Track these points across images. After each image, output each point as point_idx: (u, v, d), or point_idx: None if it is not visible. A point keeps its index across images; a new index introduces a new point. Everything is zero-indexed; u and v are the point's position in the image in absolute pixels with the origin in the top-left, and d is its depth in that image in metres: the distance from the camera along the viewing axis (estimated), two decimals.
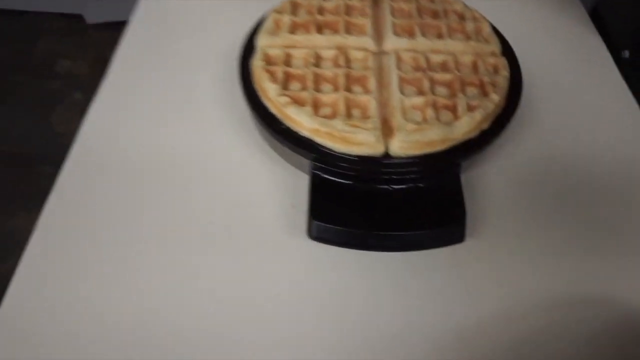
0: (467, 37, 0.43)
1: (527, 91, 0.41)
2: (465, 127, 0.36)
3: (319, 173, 0.36)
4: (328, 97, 0.38)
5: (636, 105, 0.46)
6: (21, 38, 1.59)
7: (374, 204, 0.35)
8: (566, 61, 0.50)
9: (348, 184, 0.36)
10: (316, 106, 0.37)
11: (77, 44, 1.53)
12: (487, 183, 0.40)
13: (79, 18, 1.54)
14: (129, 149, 0.41)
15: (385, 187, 0.36)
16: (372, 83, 0.39)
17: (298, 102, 0.37)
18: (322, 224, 0.34)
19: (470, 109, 0.37)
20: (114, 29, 0.51)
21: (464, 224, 0.34)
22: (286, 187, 0.39)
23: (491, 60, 0.41)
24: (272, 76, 0.38)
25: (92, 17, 1.52)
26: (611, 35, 0.53)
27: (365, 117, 0.37)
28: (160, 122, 0.44)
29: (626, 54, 0.51)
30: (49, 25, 1.61)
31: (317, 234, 0.34)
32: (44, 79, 1.47)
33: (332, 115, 0.37)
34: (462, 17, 0.45)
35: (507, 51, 0.43)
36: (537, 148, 0.43)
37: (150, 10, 0.54)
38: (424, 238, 0.35)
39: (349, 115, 0.37)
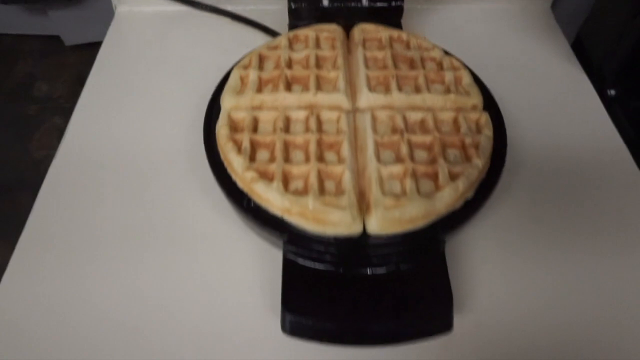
0: (447, 90, 0.40)
1: (511, 143, 0.39)
2: (447, 198, 0.34)
3: (293, 256, 0.33)
4: (299, 168, 0.34)
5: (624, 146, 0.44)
6: None
7: (352, 292, 0.32)
8: (550, 103, 0.47)
9: (323, 268, 0.33)
10: (286, 180, 0.34)
11: (55, 66, 1.47)
12: (471, 251, 0.37)
13: (57, 39, 1.48)
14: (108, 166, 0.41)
15: (364, 270, 0.33)
16: (345, 149, 0.36)
17: (266, 177, 0.34)
18: (296, 317, 0.31)
19: (453, 177, 0.34)
20: (93, 50, 0.52)
21: (450, 310, 0.32)
22: (264, 266, 0.36)
23: (472, 115, 0.38)
24: (238, 147, 0.35)
25: (70, 38, 1.46)
26: (594, 69, 0.51)
27: (339, 191, 0.34)
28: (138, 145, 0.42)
29: (612, 92, 0.50)
30: (26, 47, 1.54)
31: (291, 329, 0.31)
32: (22, 103, 1.41)
33: (304, 191, 0.34)
34: (440, 66, 0.42)
35: (489, 102, 0.40)
36: (524, 204, 0.40)
37: (122, 32, 0.54)
38: (407, 329, 0.32)
39: (322, 190, 0.34)
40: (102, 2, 0.56)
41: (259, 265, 0.36)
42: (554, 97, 0.48)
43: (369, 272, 0.32)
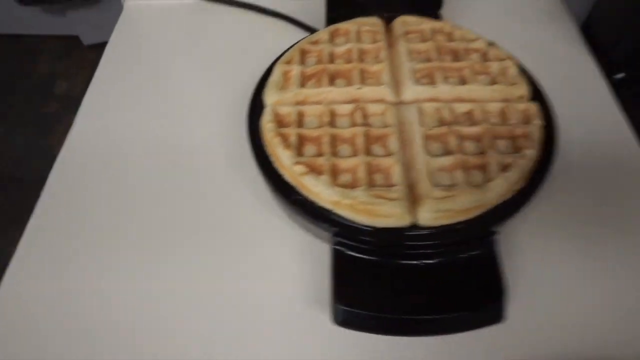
0: (493, 81, 0.39)
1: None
2: (499, 189, 0.33)
3: (342, 249, 0.33)
4: (347, 162, 0.34)
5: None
6: (19, 61, 1.57)
7: (403, 283, 0.32)
8: (567, 90, 0.46)
9: (374, 260, 0.32)
10: (335, 173, 0.34)
11: (74, 65, 1.52)
12: (526, 243, 0.37)
13: (75, 39, 1.52)
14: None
15: (415, 262, 0.32)
16: (393, 142, 0.35)
17: (315, 171, 0.34)
18: (348, 308, 0.31)
19: (503, 168, 0.34)
20: None
21: (502, 302, 0.31)
22: (307, 259, 0.36)
23: (521, 106, 0.38)
24: (285, 141, 0.35)
25: (89, 38, 1.50)
26: (602, 54, 0.50)
27: (389, 184, 0.34)
28: (154, 166, 0.42)
29: (620, 75, 0.49)
30: (46, 47, 1.59)
31: (343, 320, 0.31)
32: (42, 101, 1.45)
33: (353, 184, 0.34)
34: (484, 57, 0.41)
35: (536, 93, 0.40)
36: (565, 190, 0.39)
37: (131, 26, 0.55)
38: (459, 320, 0.31)
39: (371, 183, 0.34)
40: (119, 2, 0.57)
41: (305, 259, 0.36)
42: (567, 84, 0.47)
43: (419, 264, 0.32)
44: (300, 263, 0.36)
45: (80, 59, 1.53)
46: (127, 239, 0.37)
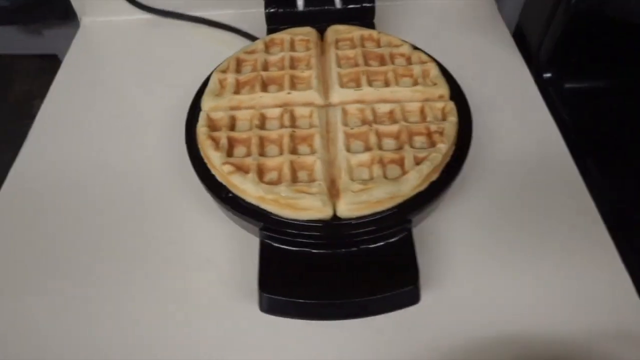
0: (415, 82, 0.42)
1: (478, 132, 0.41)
2: (413, 182, 0.36)
3: (268, 241, 0.35)
4: (273, 161, 0.37)
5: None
6: None
7: (324, 271, 0.34)
8: (496, 90, 0.50)
9: (298, 250, 0.35)
10: (261, 172, 0.37)
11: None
12: (439, 231, 0.39)
13: (53, 58, 1.54)
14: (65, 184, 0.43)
15: (336, 251, 0.35)
16: (317, 141, 0.38)
17: (242, 169, 0.36)
18: (272, 296, 0.33)
19: (418, 161, 0.36)
20: None
21: (417, 285, 0.34)
22: (240, 251, 0.38)
23: (438, 105, 0.41)
24: (216, 143, 0.38)
25: None
26: (532, 55, 0.54)
27: (311, 179, 0.36)
28: (98, 170, 0.45)
29: (547, 75, 0.53)
30: (23, 67, 1.61)
31: (268, 307, 0.33)
32: (20, 121, 1.46)
33: (278, 181, 0.36)
34: (409, 61, 0.44)
35: (456, 92, 0.43)
36: (484, 187, 0.42)
37: (86, 44, 0.57)
38: (377, 303, 0.34)
39: (294, 179, 0.36)
40: None
41: (239, 253, 0.38)
42: (497, 85, 0.51)
43: (340, 252, 0.35)
44: (238, 257, 0.38)
45: None
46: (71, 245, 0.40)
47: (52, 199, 0.43)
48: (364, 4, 0.49)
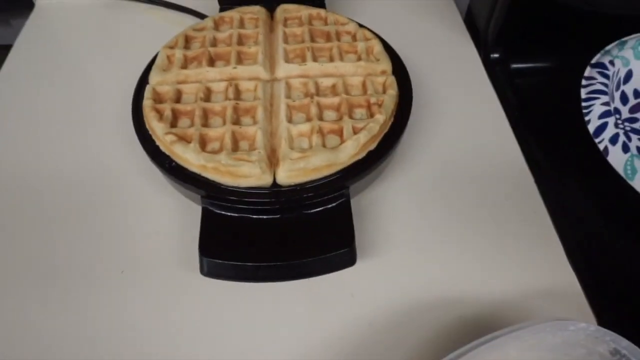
0: (358, 58, 0.44)
1: (417, 106, 0.42)
2: (350, 150, 0.37)
3: (210, 208, 0.36)
4: (216, 131, 0.38)
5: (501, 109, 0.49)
6: None
7: (264, 235, 0.36)
8: (445, 70, 0.52)
9: (238, 217, 0.36)
10: (204, 142, 0.38)
11: None
12: (380, 202, 0.41)
13: None
14: (9, 180, 0.43)
15: (276, 216, 0.36)
16: (260, 113, 0.39)
17: (185, 139, 0.37)
18: (212, 259, 0.34)
19: (356, 131, 0.38)
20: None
21: (353, 248, 0.35)
22: (184, 220, 0.39)
23: (379, 79, 0.42)
24: (160, 115, 0.39)
25: None
26: (480, 37, 0.56)
27: (252, 149, 0.37)
28: (46, 152, 0.45)
29: (495, 56, 0.55)
30: None
31: (208, 270, 0.34)
32: None
33: (220, 150, 0.37)
34: (354, 38, 0.46)
35: (399, 68, 0.44)
36: (426, 161, 0.44)
37: (35, 36, 0.56)
38: (315, 265, 0.35)
39: (236, 149, 0.37)
40: None
41: (184, 221, 0.39)
42: (446, 65, 0.53)
43: (280, 217, 0.36)
44: (182, 227, 0.39)
45: None
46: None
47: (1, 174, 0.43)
48: None
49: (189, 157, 0.36)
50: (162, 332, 0.34)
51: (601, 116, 0.43)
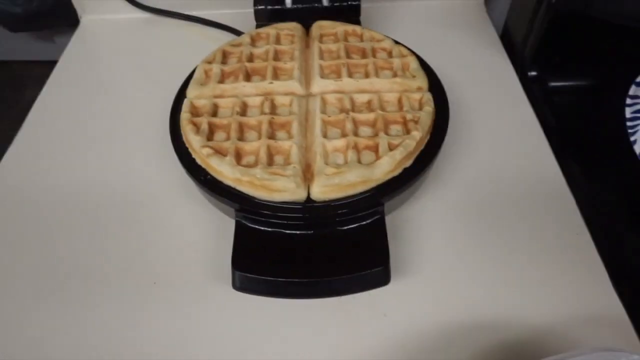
0: (394, 74, 0.43)
1: (453, 123, 0.42)
2: (386, 167, 0.36)
3: (243, 221, 0.36)
4: (251, 145, 0.38)
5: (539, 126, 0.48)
6: (7, 88, 1.62)
7: (297, 251, 0.35)
8: (481, 87, 0.51)
9: (271, 231, 0.36)
10: (239, 155, 0.38)
11: None
12: (415, 219, 0.40)
13: None
14: (50, 192, 0.43)
15: (309, 232, 0.36)
16: (295, 128, 0.39)
17: (220, 153, 0.37)
18: (244, 274, 0.34)
19: (392, 148, 0.37)
20: None
21: (387, 266, 0.34)
22: (217, 234, 0.39)
23: (416, 95, 0.42)
24: (197, 128, 0.39)
25: None
26: (517, 55, 0.56)
27: (287, 163, 0.37)
28: (86, 165, 0.46)
29: (532, 74, 0.54)
30: (34, 74, 1.64)
31: (241, 285, 0.34)
32: None
33: (255, 164, 0.37)
34: (390, 54, 0.45)
35: (435, 85, 0.43)
36: (462, 179, 0.43)
37: (86, 42, 0.59)
38: (349, 283, 0.34)
39: (271, 163, 0.37)
40: None
41: (217, 234, 0.39)
42: (482, 82, 0.52)
43: (313, 233, 0.35)
44: (216, 239, 0.39)
45: None
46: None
47: (43, 187, 0.44)
48: (350, 2, 0.51)
49: (224, 170, 0.36)
50: (193, 345, 0.34)
51: None
